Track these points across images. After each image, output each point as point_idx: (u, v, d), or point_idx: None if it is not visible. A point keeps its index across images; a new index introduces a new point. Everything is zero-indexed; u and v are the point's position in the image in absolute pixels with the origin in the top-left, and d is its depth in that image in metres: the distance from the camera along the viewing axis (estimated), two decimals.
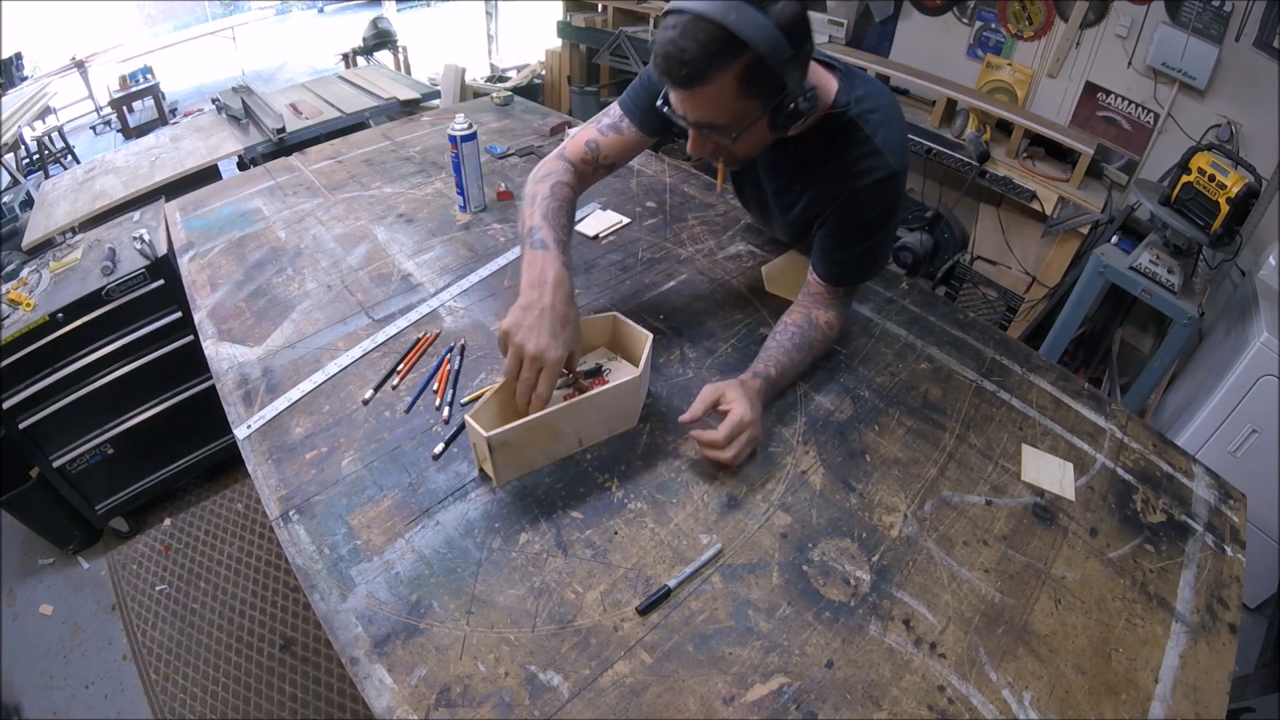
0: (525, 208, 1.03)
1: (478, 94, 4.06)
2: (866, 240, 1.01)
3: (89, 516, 1.93)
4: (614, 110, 1.10)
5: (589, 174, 1.11)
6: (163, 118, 4.75)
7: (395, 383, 1.05)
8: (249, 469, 0.92)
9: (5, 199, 3.28)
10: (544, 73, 4.45)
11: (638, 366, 0.99)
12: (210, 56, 6.59)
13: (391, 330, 1.15)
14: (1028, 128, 2.46)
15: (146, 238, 1.77)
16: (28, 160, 4.10)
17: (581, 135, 1.11)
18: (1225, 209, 1.80)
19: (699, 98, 0.83)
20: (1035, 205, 2.39)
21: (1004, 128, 2.56)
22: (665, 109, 0.90)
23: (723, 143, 0.89)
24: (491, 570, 0.79)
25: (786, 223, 1.17)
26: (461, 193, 1.49)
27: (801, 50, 0.81)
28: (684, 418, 0.90)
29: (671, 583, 0.77)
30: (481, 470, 0.90)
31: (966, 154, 2.51)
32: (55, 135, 4.35)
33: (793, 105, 0.84)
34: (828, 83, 0.94)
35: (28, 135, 4.04)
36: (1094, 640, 0.77)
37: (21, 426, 1.70)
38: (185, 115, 4.78)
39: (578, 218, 1.49)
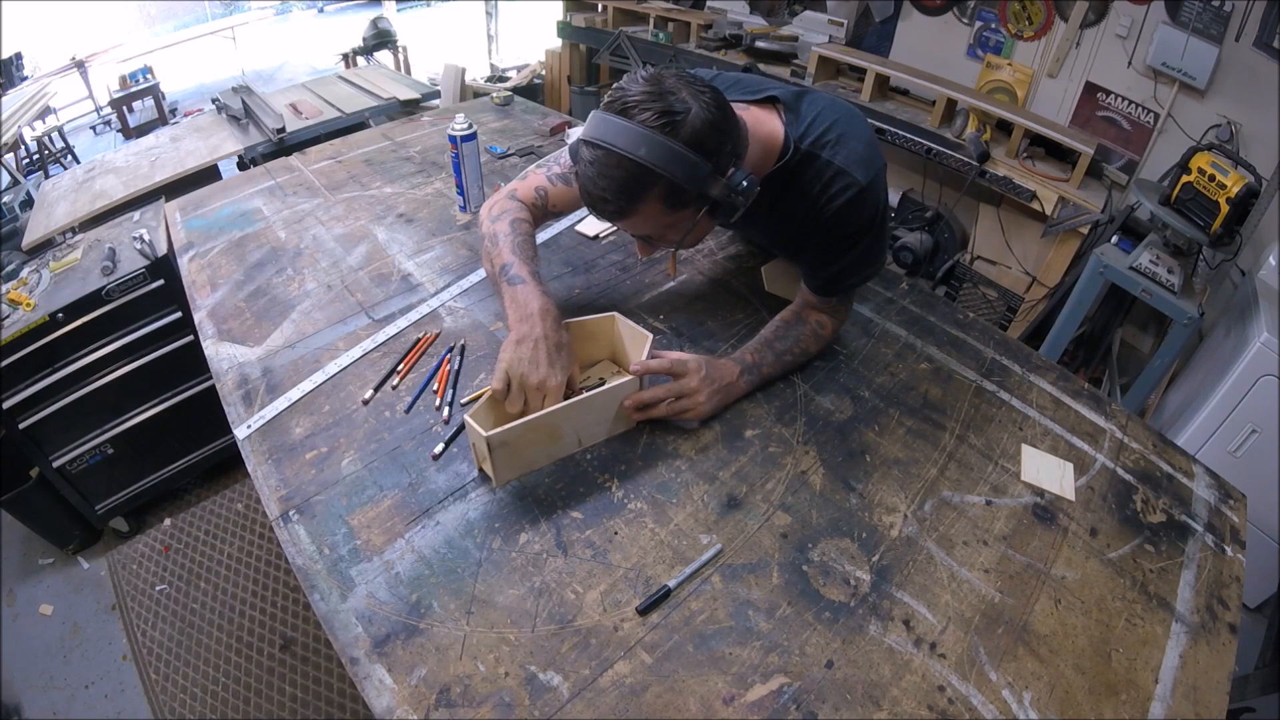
0: (490, 247, 1.04)
1: (478, 94, 4.06)
2: (851, 252, 1.01)
3: (89, 516, 1.93)
4: (565, 159, 1.10)
5: (539, 217, 1.12)
6: (163, 118, 4.75)
7: (395, 383, 1.05)
8: (249, 469, 0.92)
9: (5, 199, 3.28)
10: (544, 73, 4.45)
11: None
12: (210, 56, 6.60)
13: (391, 330, 1.15)
14: (1028, 128, 2.46)
15: (146, 238, 1.77)
16: (28, 160, 4.10)
17: (532, 180, 1.12)
18: (1225, 209, 1.80)
19: (630, 224, 0.90)
20: (1035, 205, 2.39)
21: (1004, 128, 2.56)
22: None
23: (669, 244, 0.96)
24: (491, 570, 0.79)
25: (786, 250, 1.21)
26: (461, 193, 1.49)
27: (721, 154, 0.83)
28: (634, 367, 0.92)
29: (671, 583, 0.77)
30: (481, 470, 0.90)
31: (966, 154, 2.50)
32: (55, 135, 4.35)
33: (730, 197, 0.85)
34: (772, 126, 0.95)
35: (28, 135, 4.04)
36: (1094, 640, 0.77)
37: (21, 426, 1.71)
38: (185, 115, 4.79)
39: (578, 217, 1.49)
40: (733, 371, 1.00)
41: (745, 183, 0.84)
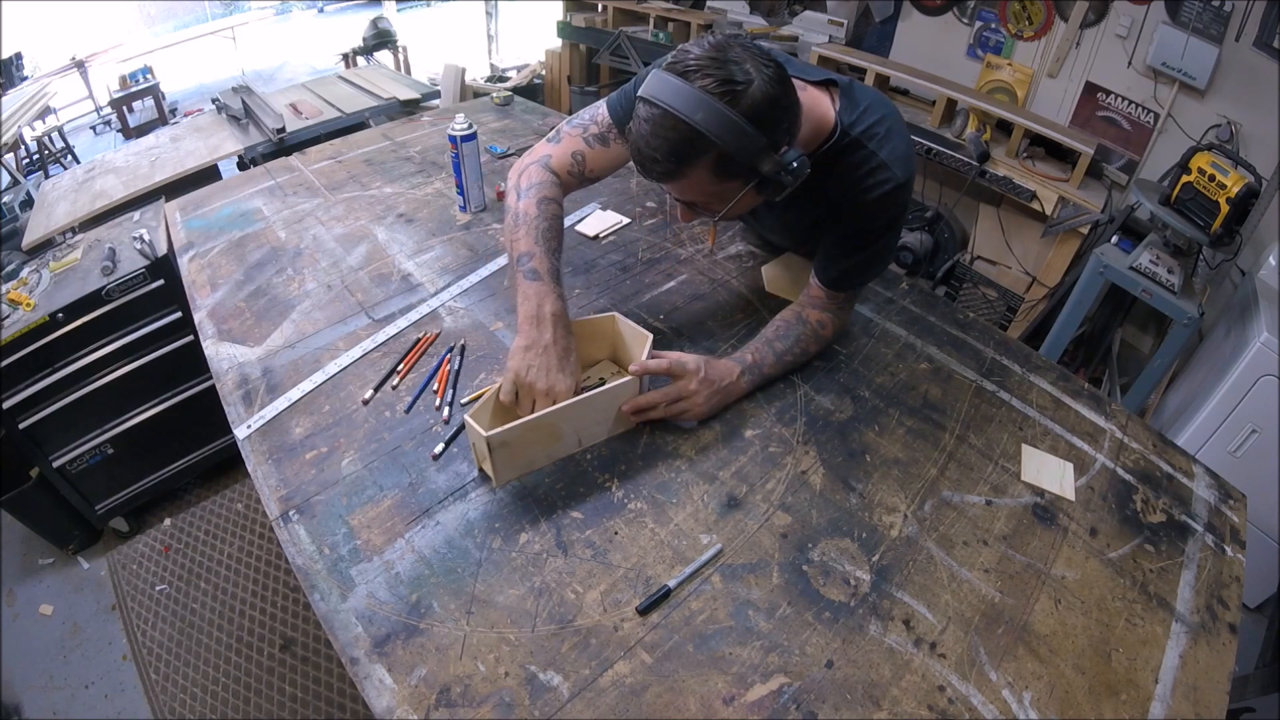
0: (512, 226, 0.99)
1: (478, 94, 4.06)
2: (870, 247, 1.01)
3: (89, 516, 1.93)
4: (601, 117, 1.05)
5: (572, 185, 1.08)
6: (163, 118, 4.75)
7: (395, 383, 1.05)
8: (249, 469, 0.92)
9: (5, 199, 3.28)
10: (544, 73, 4.45)
11: None
12: (210, 56, 6.60)
13: (391, 330, 1.15)
14: (1028, 128, 2.46)
15: (146, 238, 1.77)
16: (28, 160, 4.10)
17: (567, 144, 1.06)
18: (1225, 209, 1.80)
19: (677, 188, 0.87)
20: (1035, 205, 2.39)
21: (1004, 128, 2.56)
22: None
23: (712, 214, 0.92)
24: (491, 570, 0.79)
25: (800, 238, 1.19)
26: (461, 193, 1.49)
27: (777, 131, 0.81)
28: (633, 368, 0.92)
29: (671, 583, 0.77)
30: (481, 470, 0.90)
31: (966, 154, 2.50)
32: (55, 135, 4.35)
33: (780, 175, 0.83)
34: (825, 109, 0.94)
35: (28, 135, 4.04)
36: (1094, 640, 0.77)
37: (21, 426, 1.70)
38: (185, 115, 4.79)
39: (578, 217, 1.49)
40: (733, 371, 1.00)
41: (796, 163, 0.83)
